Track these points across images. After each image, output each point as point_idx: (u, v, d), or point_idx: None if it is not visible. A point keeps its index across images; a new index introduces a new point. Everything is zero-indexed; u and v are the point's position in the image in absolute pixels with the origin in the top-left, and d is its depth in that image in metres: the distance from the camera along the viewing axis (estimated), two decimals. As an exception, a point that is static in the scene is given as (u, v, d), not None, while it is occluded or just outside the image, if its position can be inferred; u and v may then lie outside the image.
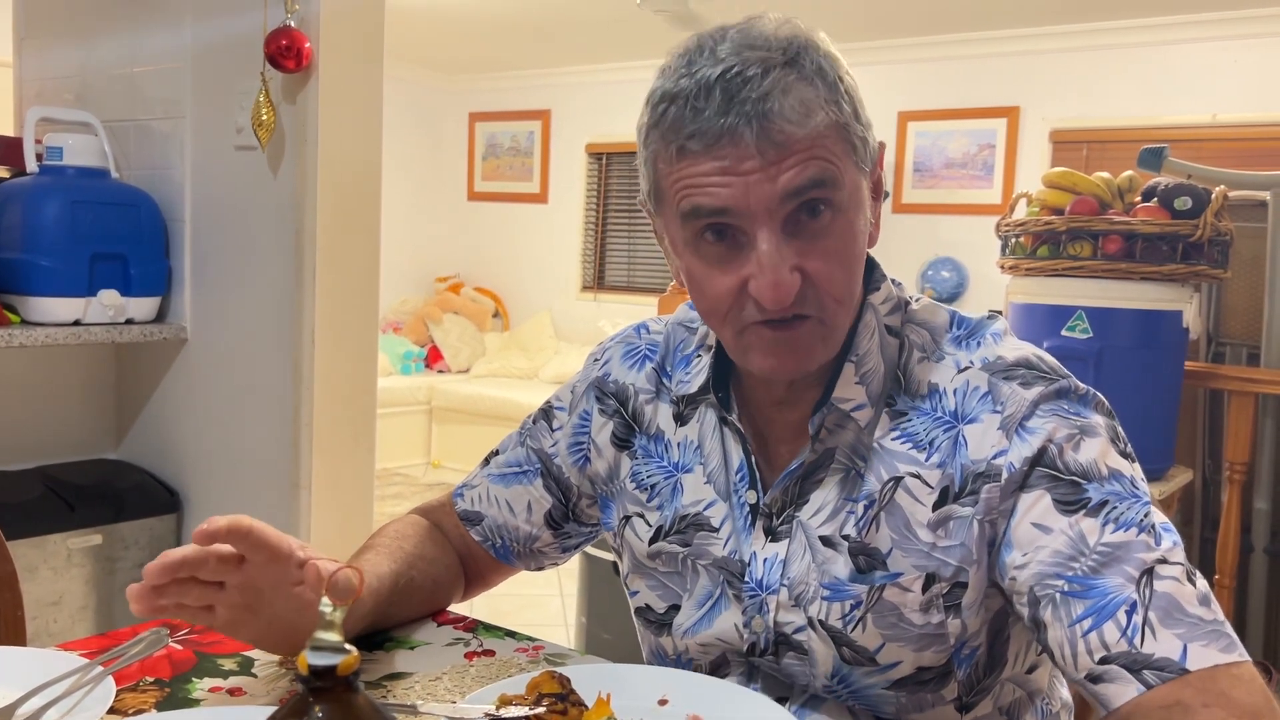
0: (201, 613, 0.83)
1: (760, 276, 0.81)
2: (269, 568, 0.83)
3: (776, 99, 0.79)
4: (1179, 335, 2.49)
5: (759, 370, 0.88)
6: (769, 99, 0.79)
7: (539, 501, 1.08)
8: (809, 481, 0.92)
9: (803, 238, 0.82)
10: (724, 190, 0.80)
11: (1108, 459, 0.83)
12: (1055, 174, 2.66)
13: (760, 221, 0.81)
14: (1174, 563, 0.78)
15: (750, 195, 0.80)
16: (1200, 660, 0.74)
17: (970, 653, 0.89)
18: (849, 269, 0.85)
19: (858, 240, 0.85)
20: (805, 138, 0.80)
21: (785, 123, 0.79)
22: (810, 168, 0.80)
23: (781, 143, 0.79)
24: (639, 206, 0.94)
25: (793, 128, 0.79)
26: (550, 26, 5.45)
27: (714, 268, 0.84)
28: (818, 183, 0.80)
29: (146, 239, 2.43)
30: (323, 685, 0.53)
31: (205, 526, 0.79)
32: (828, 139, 0.81)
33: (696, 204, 0.82)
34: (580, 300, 6.66)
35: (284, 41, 2.14)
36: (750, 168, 0.79)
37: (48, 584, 2.35)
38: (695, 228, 0.84)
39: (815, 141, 0.80)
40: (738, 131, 0.79)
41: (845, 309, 0.86)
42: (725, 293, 0.84)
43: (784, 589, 0.91)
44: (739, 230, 0.82)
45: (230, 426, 2.45)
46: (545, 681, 0.79)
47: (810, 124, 0.80)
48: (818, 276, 0.82)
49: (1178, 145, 3.17)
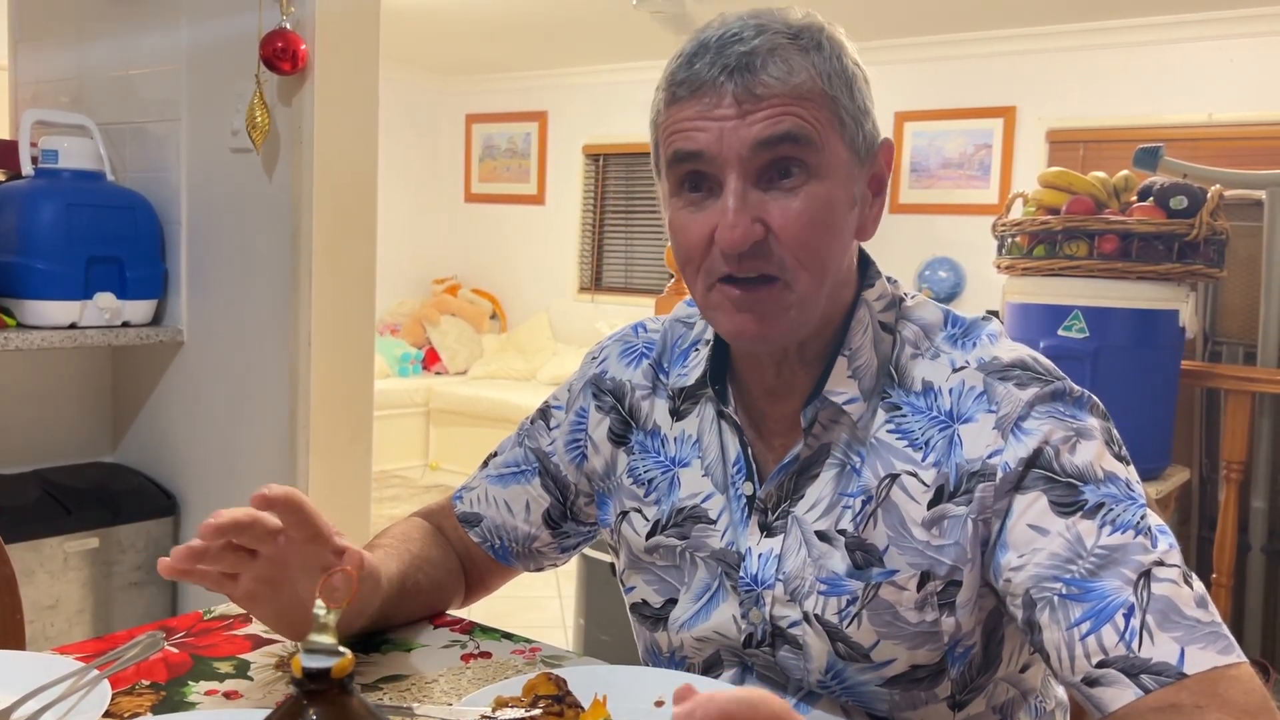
0: (226, 580, 0.84)
1: (723, 220, 0.83)
2: (305, 547, 0.84)
3: (762, 55, 0.82)
4: (1175, 334, 2.49)
5: (726, 333, 0.89)
6: (756, 55, 0.82)
7: (537, 501, 1.09)
8: (804, 476, 0.92)
9: (771, 193, 0.84)
10: (700, 134, 0.83)
11: (1103, 461, 0.83)
12: (1051, 174, 2.67)
13: (731, 167, 0.83)
14: (1171, 565, 0.78)
15: (724, 141, 0.82)
16: (1198, 663, 0.74)
17: (964, 651, 0.89)
18: (820, 236, 0.85)
19: (834, 212, 0.85)
20: (784, 93, 0.82)
21: (767, 76, 0.82)
22: (785, 122, 0.82)
23: (760, 95, 0.82)
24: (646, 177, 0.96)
25: (774, 81, 0.82)
26: (547, 28, 5.45)
27: (689, 215, 0.86)
28: (790, 137, 0.82)
29: (142, 242, 2.43)
30: (317, 688, 0.53)
31: (264, 491, 0.81)
32: (810, 102, 0.83)
33: (677, 148, 0.85)
34: (578, 301, 6.66)
35: (279, 44, 2.13)
36: (726, 114, 0.82)
37: (45, 587, 2.35)
38: (676, 175, 0.86)
39: (795, 99, 0.82)
40: (719, 80, 0.82)
41: (813, 277, 0.86)
42: (697, 241, 0.86)
43: (780, 584, 0.91)
44: (713, 180, 0.84)
45: (227, 429, 2.45)
46: (541, 683, 0.79)
47: (791, 81, 0.82)
48: (783, 234, 0.83)
49: (1174, 145, 3.18)
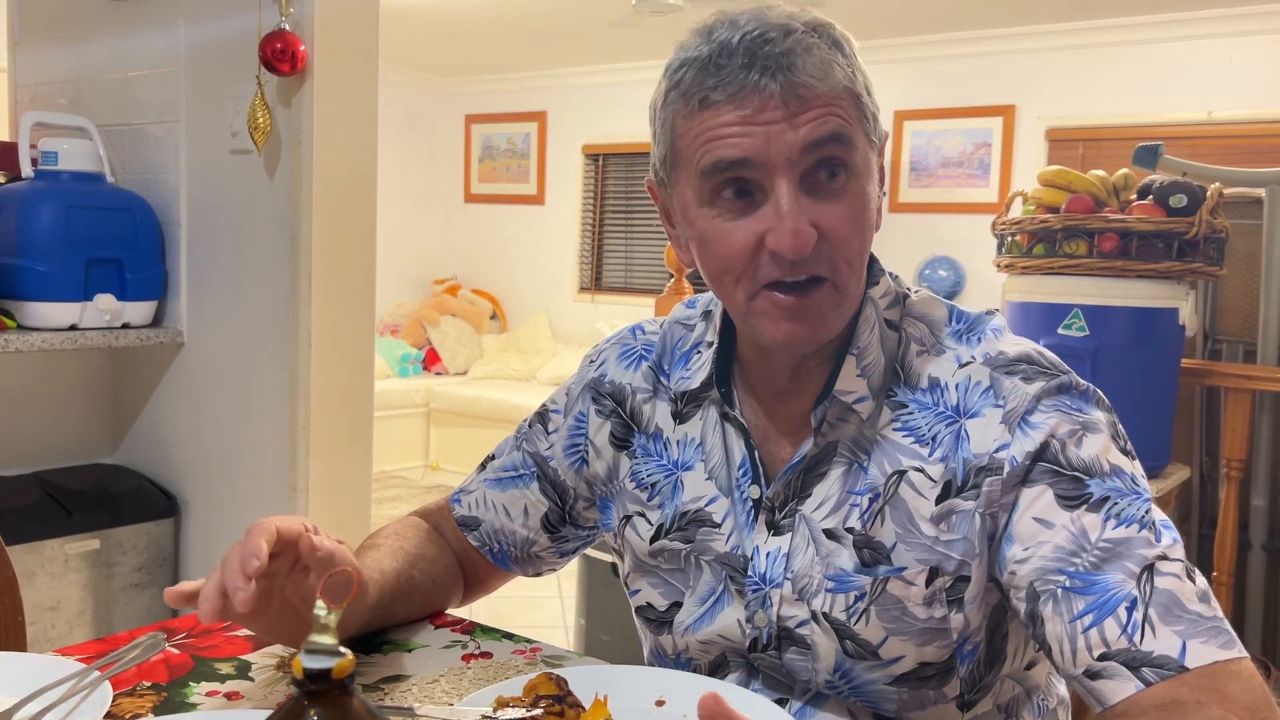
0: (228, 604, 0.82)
1: (779, 226, 0.81)
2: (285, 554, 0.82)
3: (800, 56, 0.81)
4: (1175, 333, 2.49)
5: (769, 340, 0.87)
6: (792, 54, 0.80)
7: (535, 505, 1.08)
8: (811, 475, 0.92)
9: (819, 196, 0.83)
10: (745, 140, 0.81)
11: (1109, 455, 0.83)
12: (1051, 172, 2.66)
13: (780, 172, 0.81)
14: (1174, 559, 0.78)
15: (771, 145, 0.80)
16: (1199, 657, 0.74)
17: (973, 648, 0.89)
18: (862, 235, 0.85)
19: (869, 208, 0.86)
20: (826, 93, 0.81)
21: (808, 77, 0.80)
22: (830, 122, 0.81)
23: (804, 95, 0.80)
24: (645, 187, 0.94)
25: (815, 82, 0.81)
26: (546, 29, 5.45)
27: (730, 224, 0.84)
28: (836, 137, 0.82)
29: (142, 243, 2.43)
30: (318, 688, 0.53)
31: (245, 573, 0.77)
32: (845, 100, 0.83)
33: (718, 157, 0.82)
34: (577, 301, 6.66)
35: (279, 45, 2.13)
36: (773, 117, 0.80)
37: (45, 589, 2.35)
38: (714, 183, 0.83)
39: (835, 99, 0.82)
40: (761, 83, 0.80)
41: (856, 275, 0.86)
42: (741, 249, 0.83)
43: (788, 582, 0.91)
44: (757, 185, 0.82)
45: (227, 430, 2.45)
46: (542, 683, 0.79)
47: (831, 81, 0.82)
48: (833, 235, 0.82)
49: (1173, 143, 3.18)
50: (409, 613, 1.03)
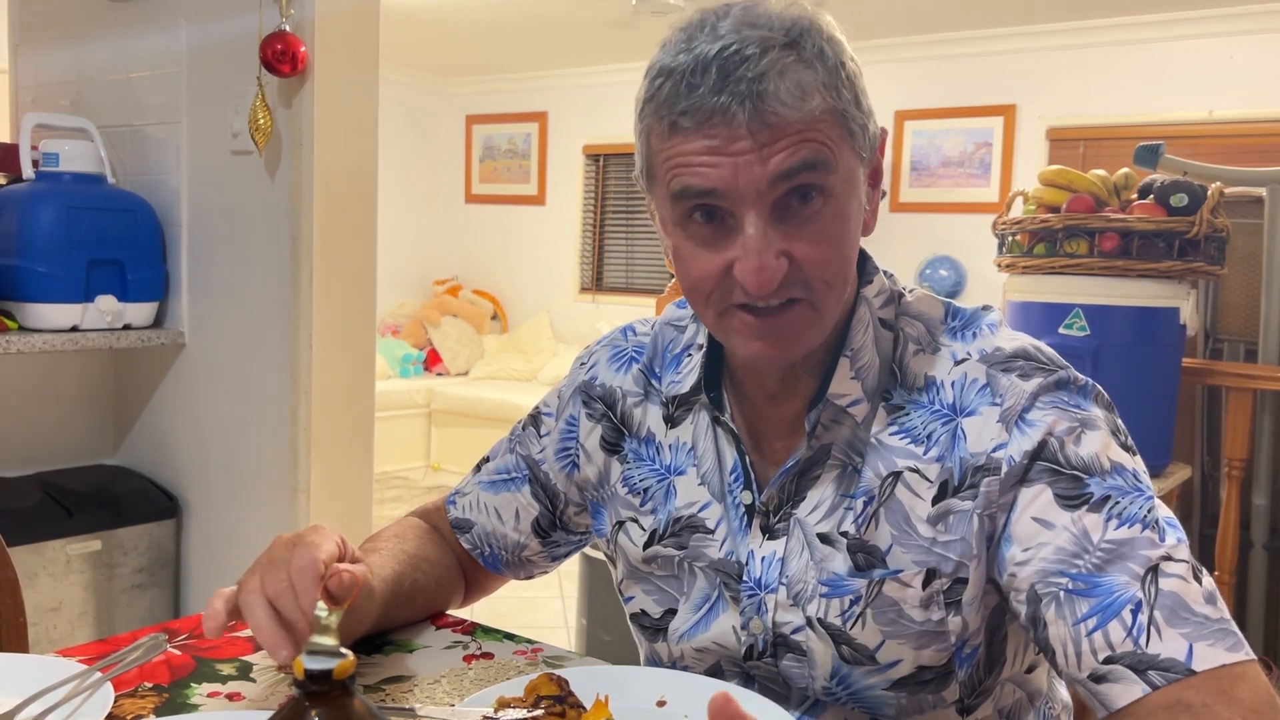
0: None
1: (745, 260, 0.80)
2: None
3: (772, 80, 0.77)
4: (1176, 332, 2.49)
5: (743, 355, 0.87)
6: (765, 79, 0.77)
7: (527, 509, 1.07)
8: (805, 478, 0.91)
9: (791, 222, 0.81)
10: (713, 171, 0.79)
11: (1109, 452, 0.82)
12: (1051, 172, 2.66)
13: (749, 204, 0.79)
14: (1179, 560, 0.77)
15: (740, 177, 0.78)
16: (1206, 660, 0.73)
17: (971, 652, 0.88)
18: (840, 253, 0.83)
19: (849, 225, 0.84)
20: (799, 121, 0.78)
21: (779, 104, 0.77)
22: (802, 150, 0.78)
23: (774, 124, 0.77)
24: (634, 182, 0.93)
25: (787, 110, 0.77)
26: (546, 29, 5.45)
27: (700, 248, 0.83)
28: (809, 165, 0.79)
29: (143, 244, 2.43)
30: (319, 689, 0.53)
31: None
32: (823, 123, 0.79)
33: (685, 184, 0.81)
34: (578, 302, 6.66)
35: (279, 46, 2.14)
36: (741, 148, 0.78)
37: (47, 590, 2.35)
38: (684, 208, 0.82)
39: (809, 125, 0.79)
40: (730, 110, 0.77)
41: (835, 292, 0.84)
42: (710, 274, 0.83)
43: (783, 588, 0.90)
44: (727, 212, 0.81)
45: (228, 431, 2.45)
46: (543, 684, 0.79)
47: (805, 107, 0.78)
48: (805, 261, 0.81)
49: (1174, 142, 3.18)
50: (412, 614, 1.02)
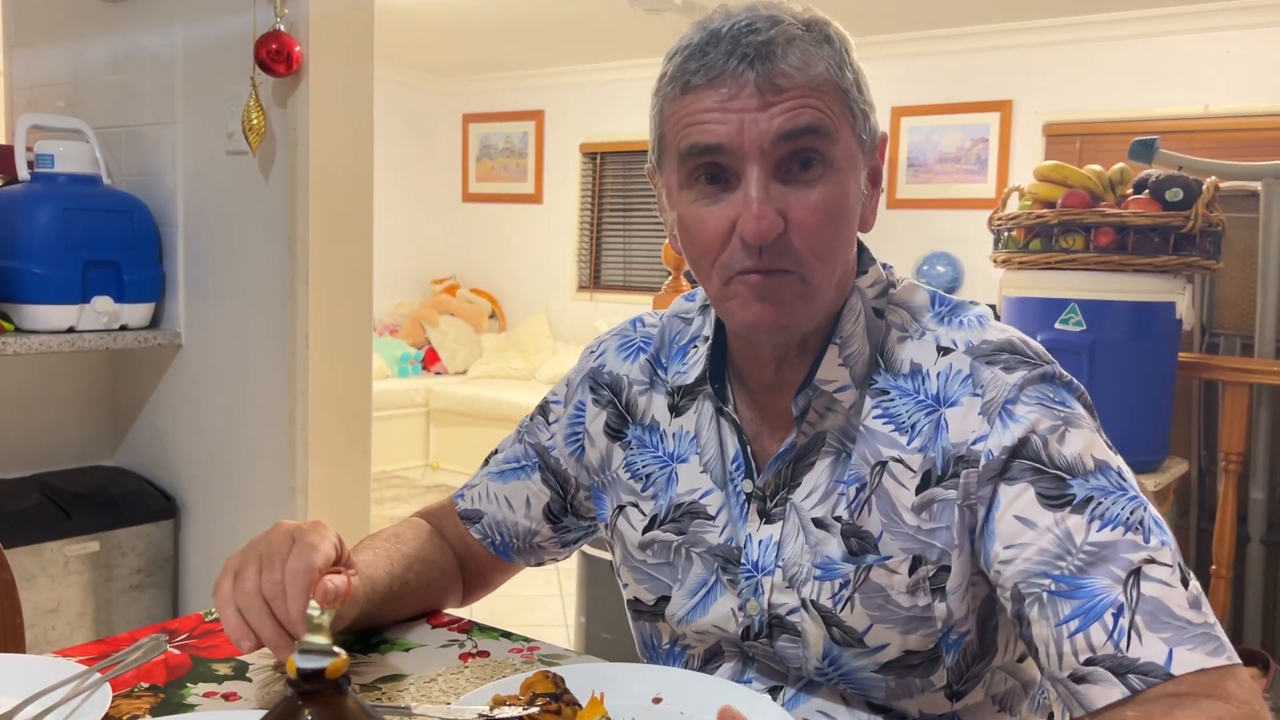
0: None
1: (746, 211, 0.82)
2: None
3: (781, 45, 0.81)
4: (1172, 326, 2.49)
5: (741, 323, 0.88)
6: (774, 44, 0.81)
7: (537, 496, 1.09)
8: (801, 464, 0.92)
9: (791, 185, 0.83)
10: (720, 127, 0.82)
11: (1094, 451, 0.83)
12: (1047, 167, 2.66)
13: (752, 159, 0.82)
14: (1163, 563, 0.77)
15: (745, 132, 0.81)
16: (1186, 664, 0.74)
17: (958, 639, 0.89)
18: (834, 229, 0.85)
19: (847, 203, 0.86)
20: (804, 84, 0.82)
21: (787, 66, 0.81)
22: (806, 114, 0.82)
23: (781, 85, 0.81)
24: (645, 175, 0.95)
25: (794, 71, 0.81)
26: (542, 27, 5.44)
27: (705, 209, 0.85)
28: (811, 129, 0.82)
29: (139, 245, 2.43)
30: (312, 688, 0.53)
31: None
32: (826, 93, 0.83)
33: (694, 141, 0.83)
34: (576, 300, 6.66)
35: (274, 45, 2.13)
36: (747, 105, 0.81)
37: (45, 591, 2.35)
38: (691, 167, 0.85)
39: (814, 91, 0.82)
40: (739, 70, 0.81)
41: (827, 269, 0.86)
42: (715, 234, 0.85)
43: (779, 570, 0.92)
44: (731, 171, 0.83)
45: (226, 431, 2.45)
46: (539, 681, 0.79)
47: (811, 73, 0.82)
48: (800, 226, 0.83)
49: (1169, 137, 3.18)
50: (402, 613, 1.03)
